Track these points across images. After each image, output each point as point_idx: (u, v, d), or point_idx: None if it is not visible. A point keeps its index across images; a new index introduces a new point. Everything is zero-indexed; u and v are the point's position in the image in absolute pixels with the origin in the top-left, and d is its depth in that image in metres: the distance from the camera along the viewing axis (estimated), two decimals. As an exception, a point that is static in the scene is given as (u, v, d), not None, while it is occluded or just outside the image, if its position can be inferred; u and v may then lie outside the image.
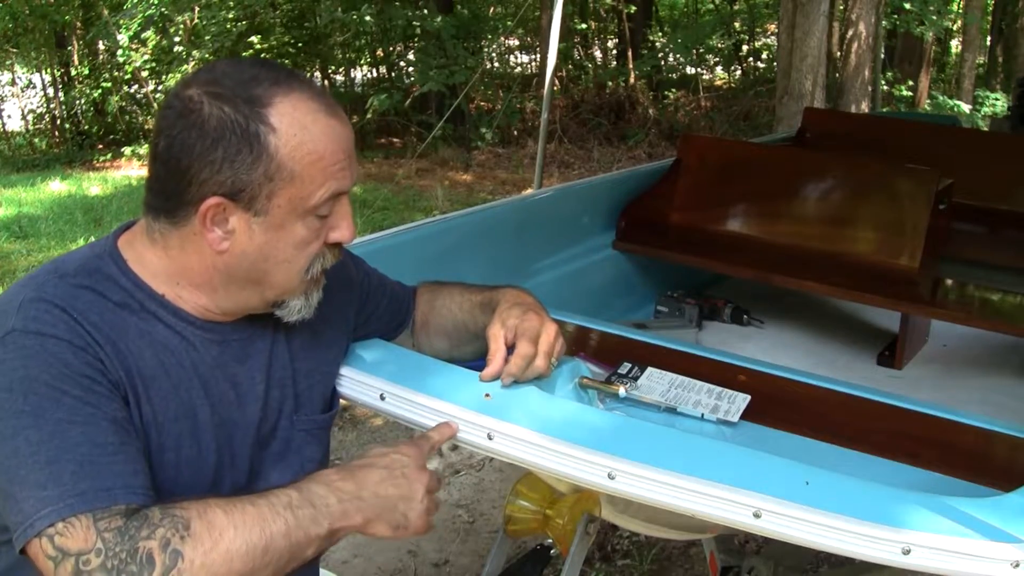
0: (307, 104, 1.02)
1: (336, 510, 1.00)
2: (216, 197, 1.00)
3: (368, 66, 13.43)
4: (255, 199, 1.01)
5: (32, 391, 0.94)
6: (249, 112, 0.99)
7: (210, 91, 1.00)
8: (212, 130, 0.99)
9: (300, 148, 1.01)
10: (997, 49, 13.22)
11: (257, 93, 1.00)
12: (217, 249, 1.04)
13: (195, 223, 1.02)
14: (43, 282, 1.03)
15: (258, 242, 1.04)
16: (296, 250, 1.06)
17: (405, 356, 1.34)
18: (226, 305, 1.10)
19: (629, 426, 1.18)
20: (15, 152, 12.03)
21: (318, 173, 1.02)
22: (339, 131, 1.04)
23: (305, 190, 1.02)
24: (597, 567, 2.62)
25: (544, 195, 2.75)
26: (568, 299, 1.63)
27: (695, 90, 11.87)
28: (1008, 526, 0.95)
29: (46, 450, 0.92)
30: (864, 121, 4.59)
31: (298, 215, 1.03)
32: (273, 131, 1.00)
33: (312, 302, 1.13)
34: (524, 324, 1.24)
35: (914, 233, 2.45)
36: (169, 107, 1.02)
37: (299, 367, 1.20)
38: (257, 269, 1.06)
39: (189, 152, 0.99)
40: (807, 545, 0.99)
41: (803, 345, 2.62)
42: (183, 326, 1.08)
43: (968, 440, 1.40)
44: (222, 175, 0.99)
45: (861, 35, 7.39)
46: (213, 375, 1.10)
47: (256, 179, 1.00)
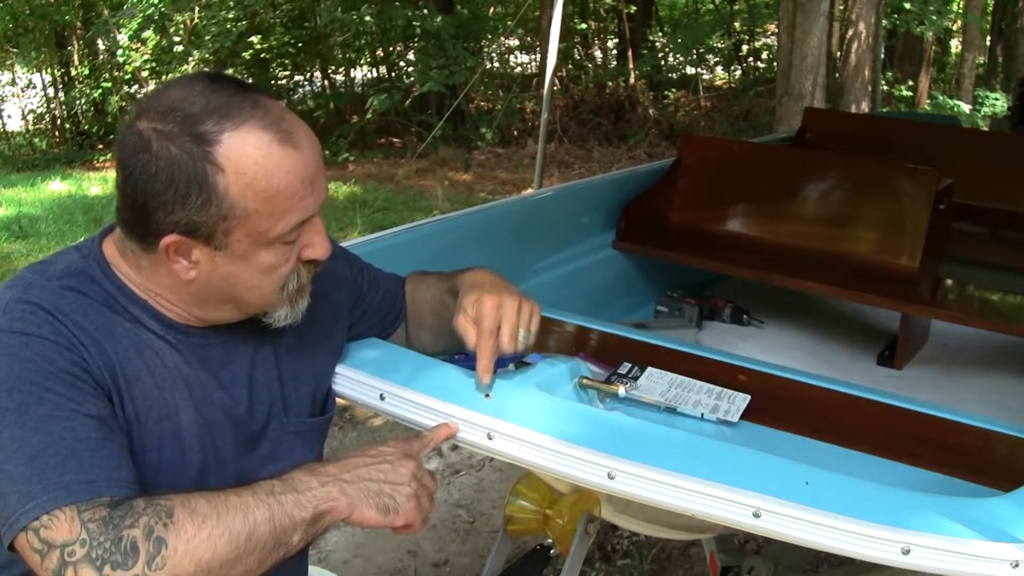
0: (258, 137, 0.98)
1: (319, 492, 1.00)
2: (173, 235, 1.00)
3: (368, 66, 13.42)
4: (212, 235, 1.00)
5: (16, 388, 0.94)
6: (196, 151, 0.96)
7: (158, 128, 0.97)
8: (161, 171, 0.97)
9: (251, 187, 0.98)
10: (997, 49, 13.22)
11: (204, 130, 0.97)
12: (184, 279, 1.04)
13: (159, 253, 1.02)
14: (28, 283, 1.03)
15: (222, 272, 1.03)
16: (264, 275, 1.05)
17: (404, 356, 1.34)
18: (205, 317, 1.10)
19: (629, 426, 1.18)
20: (15, 152, 12.03)
21: (275, 208, 1.00)
22: (295, 161, 1.00)
23: (263, 225, 1.01)
24: (597, 567, 2.62)
25: (544, 195, 2.75)
26: (568, 299, 1.64)
27: (695, 90, 11.87)
28: (1008, 526, 0.95)
29: (29, 446, 0.92)
30: (864, 121, 4.59)
31: (260, 246, 1.02)
32: (221, 171, 0.97)
33: (299, 309, 1.12)
34: (480, 310, 1.19)
35: (914, 233, 2.45)
36: (124, 139, 1.00)
37: (285, 369, 1.20)
38: (226, 294, 1.06)
39: (144, 191, 0.99)
40: (807, 545, 0.99)
41: (803, 345, 2.61)
42: (166, 331, 1.08)
43: (968, 440, 1.40)
44: (175, 216, 0.98)
45: (861, 35, 7.39)
46: (197, 378, 1.10)
47: (209, 219, 0.98)
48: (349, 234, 6.55)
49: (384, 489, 1.05)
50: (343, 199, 8.03)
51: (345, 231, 6.75)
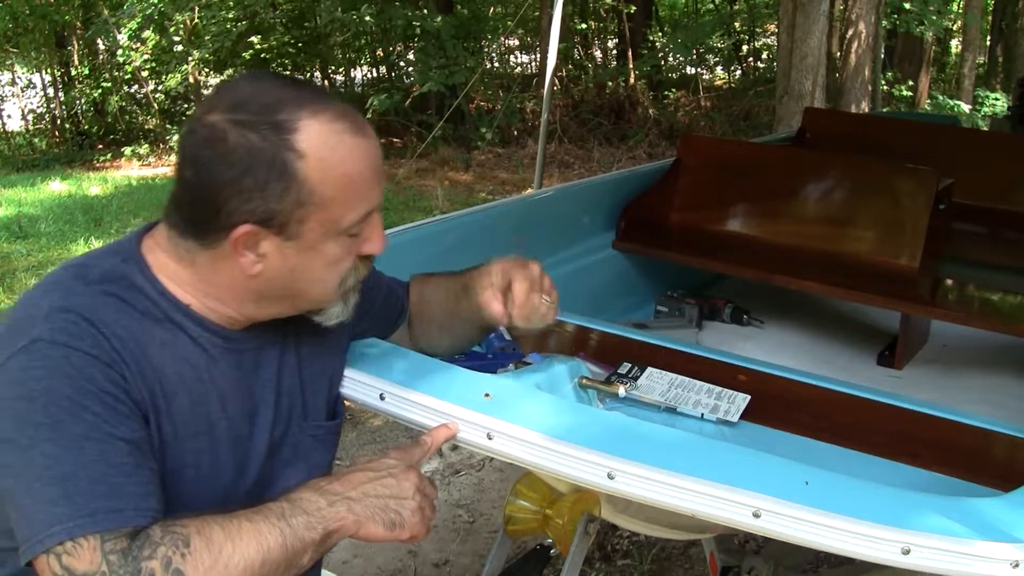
0: (333, 125, 1.00)
1: (328, 513, 1.01)
2: (247, 225, 0.99)
3: (368, 66, 13.44)
4: (287, 225, 1.00)
5: (53, 403, 0.93)
6: (276, 139, 0.97)
7: (234, 118, 0.98)
8: (239, 160, 0.97)
9: (330, 172, 0.99)
10: (997, 49, 13.23)
11: (282, 118, 0.98)
12: (250, 273, 1.03)
13: (226, 247, 1.01)
14: (69, 288, 1.01)
15: (291, 264, 1.03)
16: (328, 268, 1.06)
17: (405, 356, 1.34)
18: (256, 316, 1.10)
19: (629, 426, 1.18)
20: (15, 152, 12.04)
21: (350, 195, 1.02)
22: (367, 149, 1.03)
23: (337, 213, 1.02)
24: (597, 567, 2.62)
25: (544, 195, 2.75)
26: (568, 299, 1.63)
27: (695, 90, 11.87)
28: (1008, 526, 0.95)
29: (61, 465, 0.91)
30: (864, 121, 4.59)
31: (330, 236, 1.03)
32: (301, 157, 0.98)
33: (350, 306, 1.13)
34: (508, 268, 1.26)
35: (914, 233, 2.45)
36: (193, 133, 1.00)
37: (307, 374, 1.20)
38: (290, 288, 1.06)
39: (217, 182, 0.98)
40: (807, 545, 0.99)
41: (803, 345, 2.61)
42: (206, 337, 1.08)
43: (968, 440, 1.40)
44: (252, 204, 0.98)
45: (861, 35, 7.39)
46: (230, 388, 1.10)
47: (287, 206, 0.99)
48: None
49: (390, 504, 1.05)
50: (343, 199, 8.03)
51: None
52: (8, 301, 5.18)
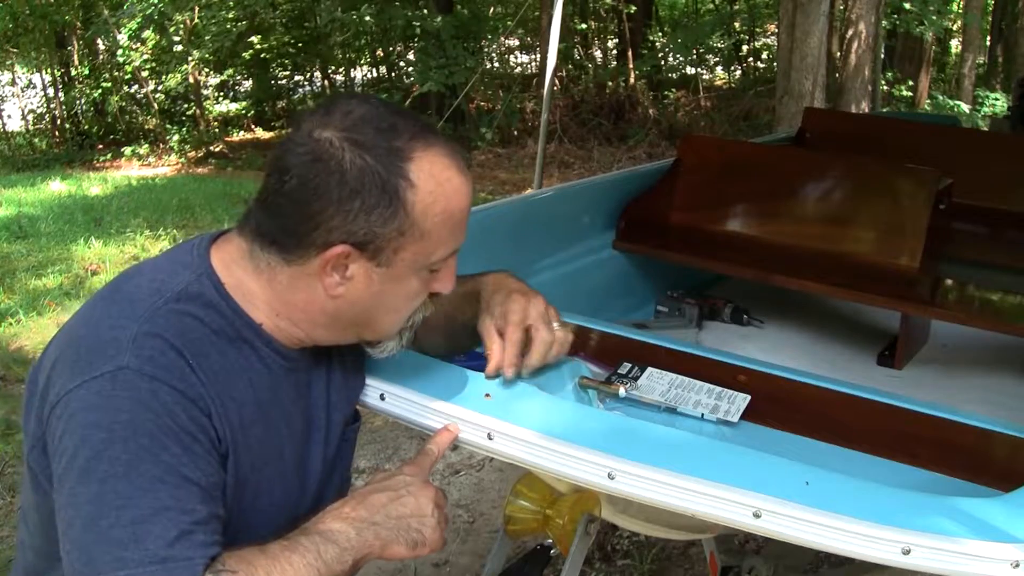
0: (443, 161, 1.02)
1: (356, 542, 1.01)
2: (344, 246, 0.99)
3: (368, 66, 13.44)
4: (381, 251, 1.00)
5: (133, 439, 0.91)
6: (391, 165, 0.98)
7: (351, 137, 0.98)
8: (352, 179, 0.97)
9: (434, 206, 1.00)
10: (997, 49, 13.22)
11: (398, 145, 0.98)
12: (332, 294, 1.03)
13: (313, 264, 1.01)
14: (151, 310, 0.99)
15: (374, 291, 1.03)
16: (405, 300, 1.07)
17: (405, 356, 1.34)
18: (322, 339, 1.10)
19: (629, 426, 1.18)
20: (15, 152, 12.04)
21: (445, 233, 1.03)
22: (467, 190, 1.05)
23: (431, 247, 1.03)
24: (597, 567, 2.62)
25: (544, 195, 2.75)
26: (568, 299, 1.63)
27: (695, 90, 11.87)
28: (1008, 526, 0.95)
29: (134, 507, 0.90)
30: (864, 121, 4.59)
31: (416, 269, 1.04)
32: (412, 187, 0.98)
33: (404, 342, 1.14)
34: (509, 308, 1.24)
35: (914, 233, 2.44)
36: (300, 145, 0.99)
37: (351, 383, 1.22)
38: (365, 315, 1.07)
39: (325, 197, 0.97)
40: (807, 545, 0.99)
41: (803, 345, 2.61)
42: (273, 358, 1.07)
43: (968, 440, 1.40)
44: (355, 225, 0.98)
45: (861, 35, 7.39)
46: (293, 408, 1.11)
47: (388, 233, 0.99)
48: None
49: (412, 524, 1.06)
50: (343, 199, 8.03)
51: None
52: (8, 301, 5.17)
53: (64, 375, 0.96)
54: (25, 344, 4.50)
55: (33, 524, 1.08)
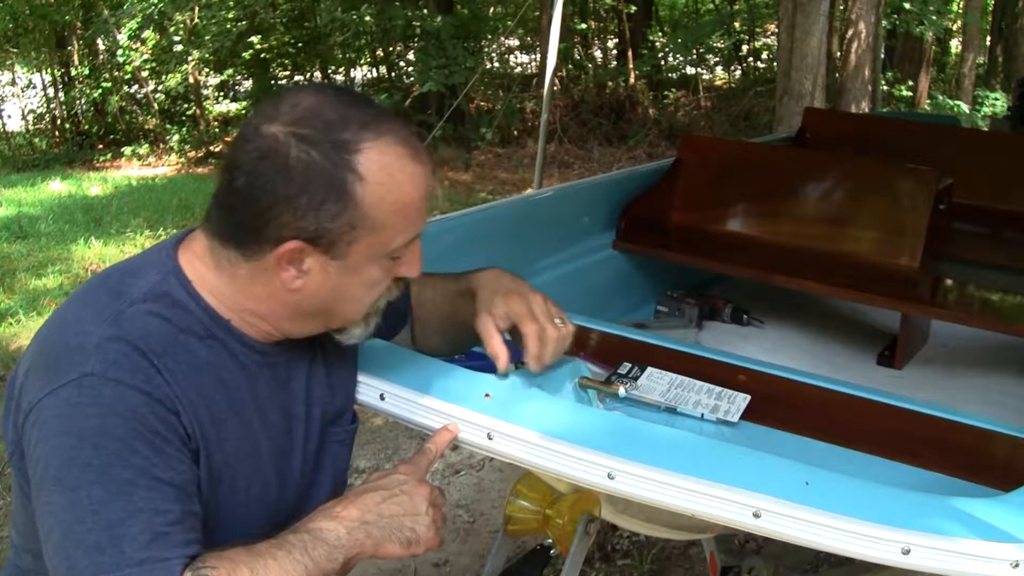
0: (395, 150, 1.00)
1: (347, 540, 1.01)
2: (296, 241, 0.98)
3: (368, 66, 13.44)
4: (335, 244, 1.00)
5: (103, 444, 0.92)
6: (337, 159, 0.97)
7: (297, 132, 0.97)
8: (299, 175, 0.96)
9: (386, 197, 0.99)
10: (997, 49, 13.21)
11: (345, 137, 0.97)
12: (290, 288, 1.02)
13: (269, 260, 1.00)
14: (115, 313, 0.99)
15: (332, 283, 1.03)
16: (366, 289, 1.06)
17: (405, 356, 1.34)
18: (291, 331, 1.10)
19: (629, 426, 1.18)
20: (15, 152, 12.03)
21: (400, 221, 1.02)
22: (423, 177, 1.03)
23: (386, 237, 1.02)
24: (597, 567, 2.62)
25: (544, 195, 2.75)
26: (568, 299, 1.63)
27: (695, 90, 11.87)
28: (1008, 526, 0.95)
29: (108, 511, 0.90)
30: (864, 121, 4.59)
31: (374, 258, 1.03)
32: (360, 179, 0.97)
33: (371, 327, 1.13)
34: (512, 307, 1.23)
35: (914, 233, 2.45)
36: (249, 142, 0.99)
37: (335, 381, 1.21)
38: (327, 306, 1.06)
39: (272, 194, 0.97)
40: (807, 545, 0.99)
41: (803, 345, 2.61)
42: (245, 353, 1.07)
43: (968, 440, 1.40)
44: (305, 221, 0.97)
45: (861, 35, 7.39)
46: (268, 403, 1.10)
47: (339, 227, 0.98)
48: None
49: (405, 523, 1.06)
50: (343, 199, 8.02)
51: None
52: (8, 301, 5.17)
53: (35, 383, 0.97)
54: (25, 344, 4.50)
55: (21, 524, 1.09)
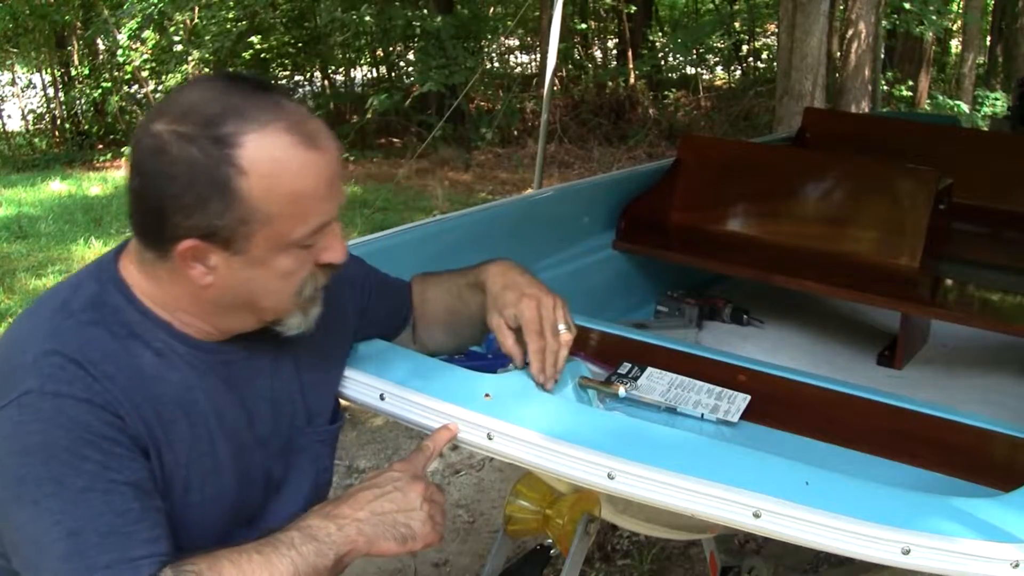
0: (281, 139, 0.96)
1: (338, 537, 1.01)
2: (191, 240, 0.97)
3: (368, 66, 13.43)
4: (232, 240, 0.97)
5: (52, 457, 0.92)
6: (217, 154, 0.94)
7: (178, 130, 0.94)
8: (181, 175, 0.94)
9: (274, 190, 0.96)
10: (997, 49, 13.21)
11: (225, 132, 0.94)
12: (202, 284, 1.01)
13: (176, 259, 0.99)
14: (54, 327, 0.99)
15: (241, 278, 1.01)
16: (282, 280, 1.03)
17: (405, 356, 1.34)
18: (223, 327, 1.09)
19: (629, 426, 1.18)
20: (15, 152, 12.02)
21: (297, 211, 0.99)
22: (318, 164, 0.99)
23: (284, 228, 0.99)
24: (597, 567, 2.62)
25: (544, 195, 2.75)
26: (568, 299, 1.63)
27: (695, 90, 11.87)
28: (1008, 526, 0.95)
29: (69, 520, 0.90)
30: (864, 121, 4.59)
31: (280, 250, 1.00)
32: (243, 174, 0.94)
33: (311, 317, 1.11)
34: (522, 311, 1.22)
35: (914, 233, 2.44)
36: (139, 142, 0.98)
37: (306, 379, 1.20)
38: (245, 300, 1.04)
39: (160, 195, 0.96)
40: (807, 545, 0.99)
41: (803, 345, 2.61)
42: (191, 353, 1.06)
43: (968, 440, 1.40)
44: (194, 220, 0.95)
45: (861, 35, 7.39)
46: (224, 401, 1.09)
47: (229, 223, 0.96)
48: (349, 234, 6.48)
49: (399, 519, 1.06)
50: (343, 199, 8.02)
51: (345, 231, 6.71)
52: (8, 301, 5.17)
53: None
54: (25, 344, 4.50)
55: None
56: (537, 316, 1.22)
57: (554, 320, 1.23)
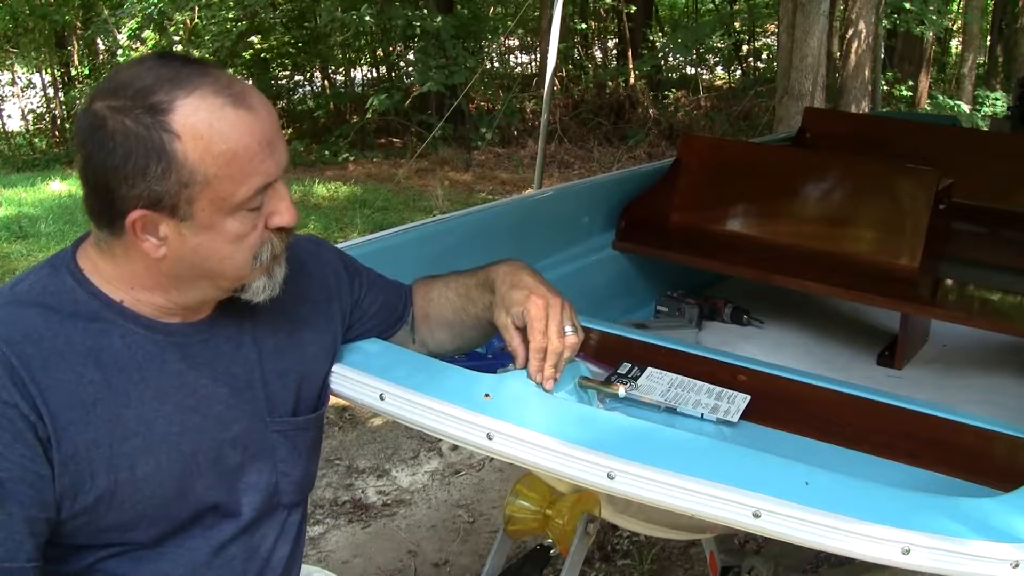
0: (210, 101, 0.98)
1: None
2: (138, 210, 0.99)
3: (368, 66, 13.44)
4: (177, 206, 0.99)
5: None
6: (151, 122, 0.96)
7: (112, 104, 0.97)
8: (119, 146, 0.97)
9: (209, 151, 0.98)
10: (997, 49, 13.23)
11: (157, 100, 0.97)
12: (156, 256, 1.02)
13: (128, 233, 1.01)
14: None
15: (192, 244, 1.02)
16: (234, 245, 1.04)
17: (405, 356, 1.34)
18: (185, 301, 1.09)
19: (629, 426, 1.18)
20: (15, 152, 12.03)
21: (236, 171, 1.00)
22: (250, 122, 1.00)
23: (225, 190, 1.00)
24: (597, 567, 2.62)
25: (544, 195, 2.75)
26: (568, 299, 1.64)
27: (695, 90, 11.88)
28: (1008, 526, 0.95)
29: None
30: (864, 121, 4.59)
31: (225, 213, 1.01)
32: (178, 137, 0.97)
33: (276, 279, 1.10)
34: (529, 310, 1.22)
35: (914, 233, 2.45)
36: (79, 123, 1.00)
37: (270, 368, 1.19)
38: (201, 268, 1.05)
39: (103, 170, 0.98)
40: (807, 545, 0.99)
41: (803, 345, 2.61)
42: (140, 333, 1.07)
43: (968, 440, 1.40)
44: (137, 189, 0.98)
45: (861, 35, 7.39)
46: (171, 383, 1.08)
47: (171, 188, 0.98)
48: (349, 234, 6.55)
49: None
50: (343, 199, 8.03)
51: (345, 231, 6.76)
52: (8, 301, 5.17)
53: None
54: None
55: None
56: (544, 315, 1.22)
57: (561, 321, 1.22)
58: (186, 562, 1.11)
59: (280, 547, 1.22)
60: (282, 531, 1.23)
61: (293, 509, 1.24)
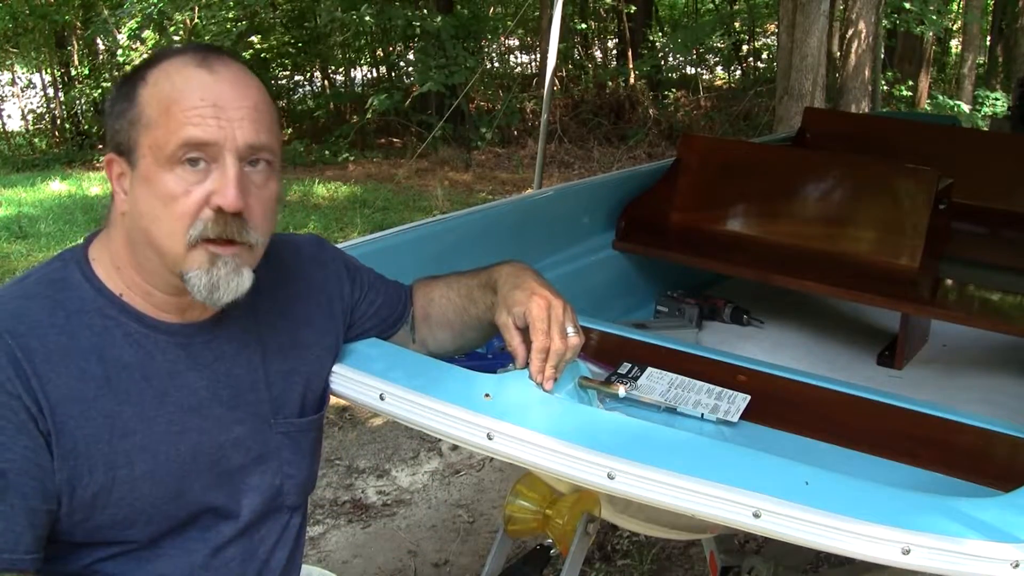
0: (186, 59, 1.05)
1: None
2: (111, 153, 1.07)
3: (368, 66, 13.45)
4: (132, 151, 1.05)
5: None
6: (138, 73, 1.07)
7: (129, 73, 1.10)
8: (114, 93, 1.09)
9: (157, 95, 1.04)
10: (997, 49, 13.23)
11: (153, 60, 1.07)
12: (121, 211, 1.08)
13: (112, 185, 1.09)
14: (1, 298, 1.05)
15: (135, 196, 1.06)
16: (165, 206, 1.03)
17: (405, 356, 1.34)
18: (155, 283, 1.09)
19: (629, 426, 1.18)
20: (15, 152, 12.04)
21: (170, 119, 1.02)
22: (203, 80, 1.04)
23: (160, 137, 1.02)
24: (597, 567, 2.62)
25: (544, 195, 2.75)
26: (568, 299, 1.64)
27: (695, 90, 11.88)
28: (1008, 526, 0.95)
29: None
30: (864, 121, 4.59)
31: (160, 164, 1.02)
32: (145, 84, 1.05)
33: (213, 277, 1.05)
34: (531, 310, 1.22)
35: (914, 233, 2.45)
36: None
37: (274, 369, 1.19)
38: (141, 228, 1.05)
39: (107, 114, 1.10)
40: (807, 545, 0.99)
41: (803, 345, 2.61)
42: (143, 332, 1.08)
43: (968, 440, 1.40)
44: (111, 128, 1.07)
45: (861, 35, 7.39)
46: (172, 382, 1.09)
47: (124, 126, 1.05)
48: (349, 234, 6.55)
49: None
50: (343, 199, 8.04)
51: (345, 231, 6.76)
52: (8, 301, 5.17)
53: None
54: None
55: None
56: (546, 316, 1.22)
57: (562, 321, 1.23)
58: (183, 564, 1.11)
59: (279, 550, 1.22)
60: (283, 534, 1.23)
61: (295, 512, 1.25)
